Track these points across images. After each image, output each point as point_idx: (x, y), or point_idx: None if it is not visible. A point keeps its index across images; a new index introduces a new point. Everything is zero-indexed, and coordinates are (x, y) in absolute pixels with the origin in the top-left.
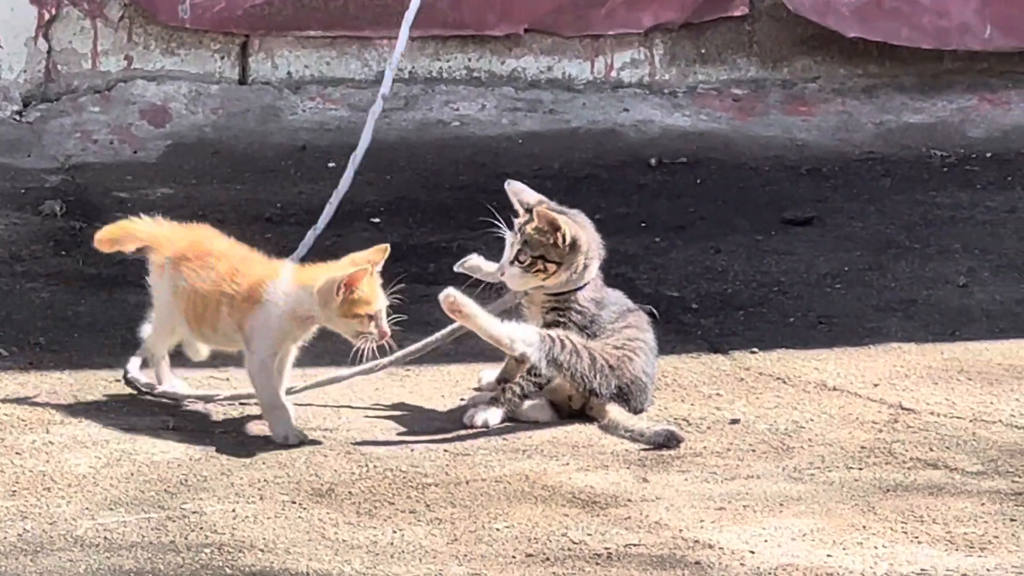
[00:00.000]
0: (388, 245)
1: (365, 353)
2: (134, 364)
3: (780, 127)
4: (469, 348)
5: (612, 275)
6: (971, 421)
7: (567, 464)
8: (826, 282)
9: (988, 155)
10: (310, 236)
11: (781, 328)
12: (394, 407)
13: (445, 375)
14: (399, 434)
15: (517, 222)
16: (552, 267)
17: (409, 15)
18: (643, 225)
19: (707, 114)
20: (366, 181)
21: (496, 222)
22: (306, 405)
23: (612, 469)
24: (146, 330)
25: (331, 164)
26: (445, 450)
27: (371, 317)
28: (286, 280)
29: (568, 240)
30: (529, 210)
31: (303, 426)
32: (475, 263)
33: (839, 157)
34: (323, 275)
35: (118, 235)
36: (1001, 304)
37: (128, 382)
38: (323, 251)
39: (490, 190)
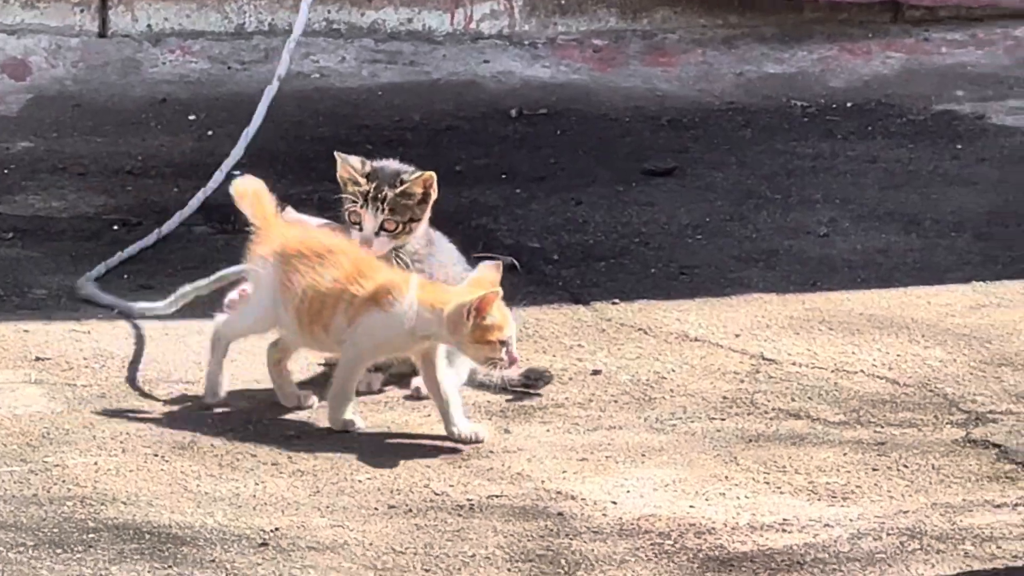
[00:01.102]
0: (500, 263)
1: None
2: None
3: (640, 78)
4: None
5: (472, 226)
6: (833, 371)
7: (428, 416)
8: (687, 233)
9: (848, 105)
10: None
11: (642, 279)
12: (257, 358)
13: None
14: (262, 385)
15: (365, 190)
16: (415, 225)
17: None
18: (504, 176)
19: (567, 65)
20: (226, 134)
21: (348, 197)
22: (165, 358)
23: (474, 421)
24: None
25: (192, 117)
26: None
27: (502, 343)
28: (412, 296)
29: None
30: (371, 176)
31: (165, 378)
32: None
33: (699, 108)
34: (453, 298)
35: (249, 195)
36: (862, 254)
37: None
38: (182, 205)
39: (351, 142)
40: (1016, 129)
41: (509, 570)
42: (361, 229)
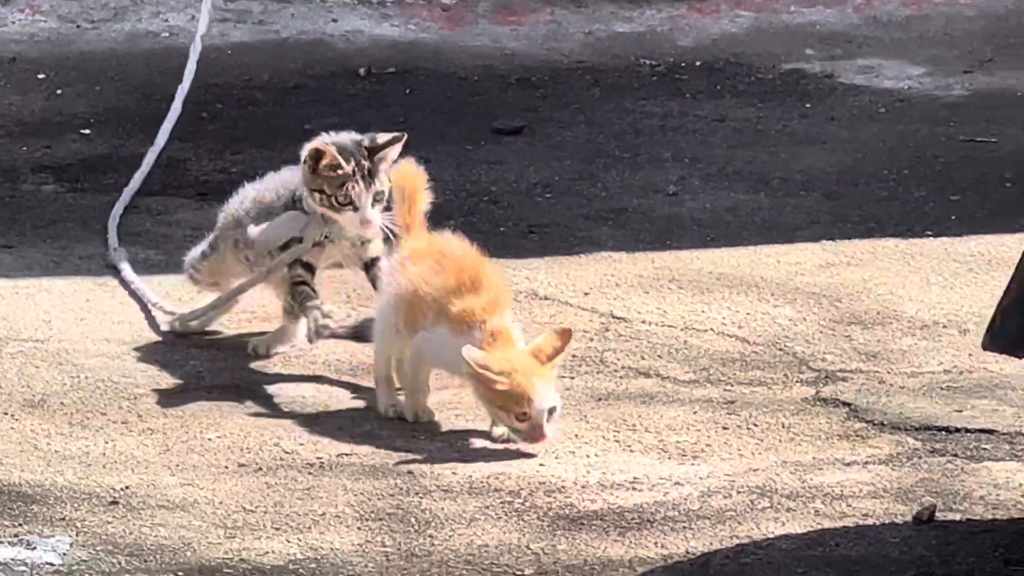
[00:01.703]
0: (571, 330)
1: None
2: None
3: (489, 37)
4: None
5: None
6: (683, 329)
7: (279, 373)
8: (536, 191)
9: (697, 64)
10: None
11: (492, 237)
12: (107, 317)
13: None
14: (112, 344)
15: (350, 170)
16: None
17: None
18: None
19: (416, 24)
20: (76, 93)
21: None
22: (15, 316)
23: (324, 379)
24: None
25: (41, 76)
26: (156, 360)
27: (522, 416)
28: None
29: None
30: (373, 151)
31: (15, 336)
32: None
33: (549, 67)
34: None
35: (408, 186)
36: (711, 213)
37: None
38: (33, 164)
39: (199, 101)
40: (865, 88)
41: (359, 528)
42: (356, 209)
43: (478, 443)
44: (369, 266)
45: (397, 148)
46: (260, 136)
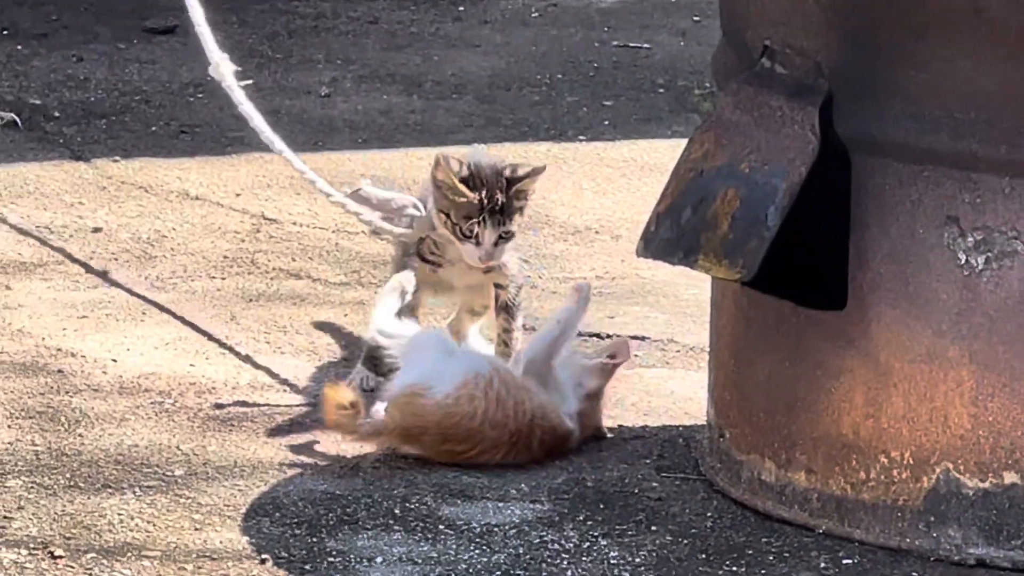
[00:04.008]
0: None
1: None
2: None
3: None
4: None
5: None
6: (334, 232)
7: None
8: (188, 91)
9: None
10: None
11: (144, 137)
12: None
13: None
14: None
15: (476, 203)
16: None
17: None
18: (5, 32)
19: None
20: None
21: None
22: None
23: None
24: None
25: None
26: None
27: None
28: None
29: None
30: (471, 182)
31: None
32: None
33: None
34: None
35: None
36: (364, 115)
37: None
38: None
39: None
40: None
41: (9, 427)
42: (478, 243)
43: (128, 343)
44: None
45: (537, 182)
46: None
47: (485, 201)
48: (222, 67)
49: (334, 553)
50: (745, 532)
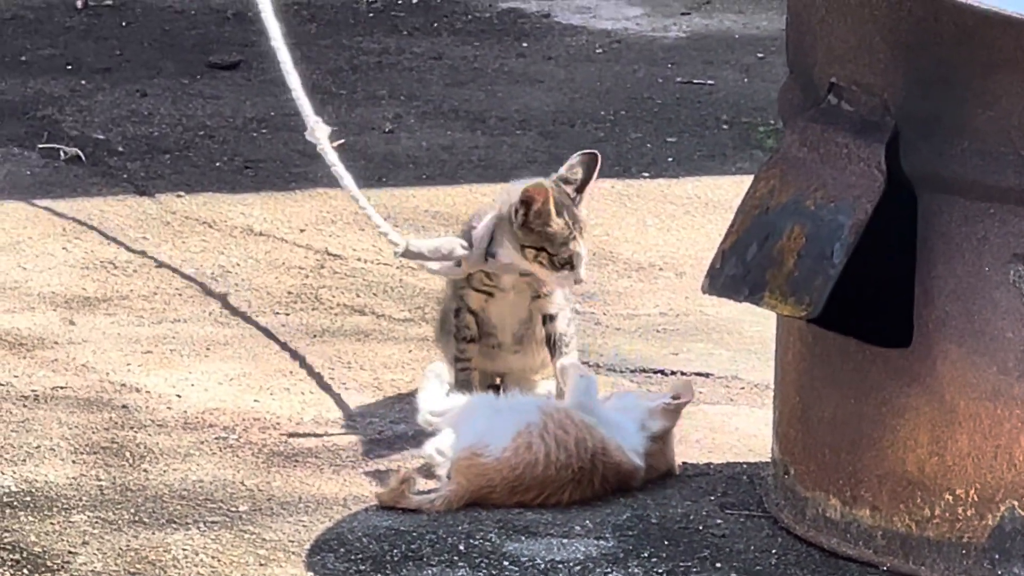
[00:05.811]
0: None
1: None
2: None
3: None
4: None
5: (38, 117)
6: (397, 268)
7: None
8: (252, 127)
9: (414, 1)
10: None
11: (208, 172)
12: None
13: None
14: None
15: (570, 230)
16: None
17: None
18: (69, 67)
19: None
20: None
21: None
22: None
23: (39, 311)
24: None
25: None
26: None
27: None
28: None
29: None
30: (583, 185)
31: None
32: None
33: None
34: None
35: None
36: (427, 151)
37: None
38: None
39: None
40: (581, 28)
41: (74, 462)
42: (573, 268)
43: (192, 378)
44: (546, 321)
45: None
46: None
47: (571, 222)
48: (317, 131)
49: None
50: (810, 569)
